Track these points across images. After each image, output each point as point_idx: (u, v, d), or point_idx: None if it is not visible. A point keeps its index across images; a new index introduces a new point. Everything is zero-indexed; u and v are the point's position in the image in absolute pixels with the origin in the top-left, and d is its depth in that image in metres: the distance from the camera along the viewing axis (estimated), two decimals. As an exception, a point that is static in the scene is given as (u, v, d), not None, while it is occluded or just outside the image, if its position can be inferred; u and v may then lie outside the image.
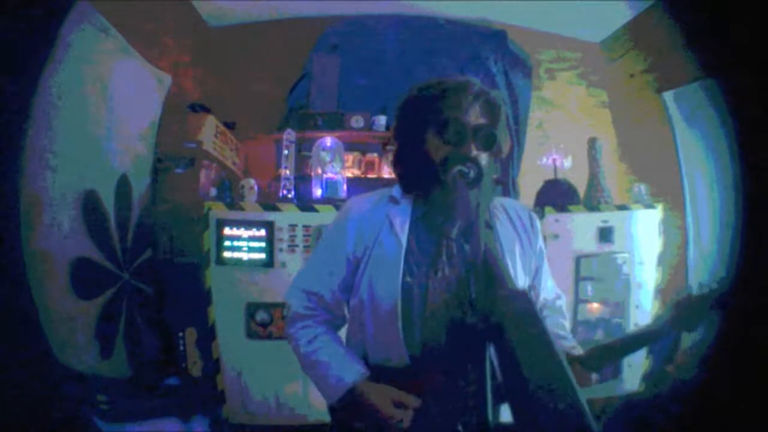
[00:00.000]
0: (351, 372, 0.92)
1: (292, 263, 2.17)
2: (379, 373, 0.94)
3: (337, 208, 2.21)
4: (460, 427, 0.87)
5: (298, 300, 1.01)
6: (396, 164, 1.04)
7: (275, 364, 2.11)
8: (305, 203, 2.31)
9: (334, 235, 1.02)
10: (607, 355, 0.99)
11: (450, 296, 0.91)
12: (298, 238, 2.19)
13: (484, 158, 0.93)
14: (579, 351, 0.98)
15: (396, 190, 1.03)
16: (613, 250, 2.35)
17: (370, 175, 2.88)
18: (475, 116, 0.93)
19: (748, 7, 1.31)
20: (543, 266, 1.08)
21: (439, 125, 0.92)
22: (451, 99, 0.92)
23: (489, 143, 0.93)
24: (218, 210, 2.19)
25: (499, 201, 1.06)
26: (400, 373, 0.91)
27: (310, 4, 2.97)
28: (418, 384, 0.90)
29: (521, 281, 1.01)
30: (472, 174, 0.87)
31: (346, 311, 1.05)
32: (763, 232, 1.39)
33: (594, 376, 0.94)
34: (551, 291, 1.10)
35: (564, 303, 1.12)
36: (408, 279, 0.92)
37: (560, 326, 1.07)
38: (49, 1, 1.57)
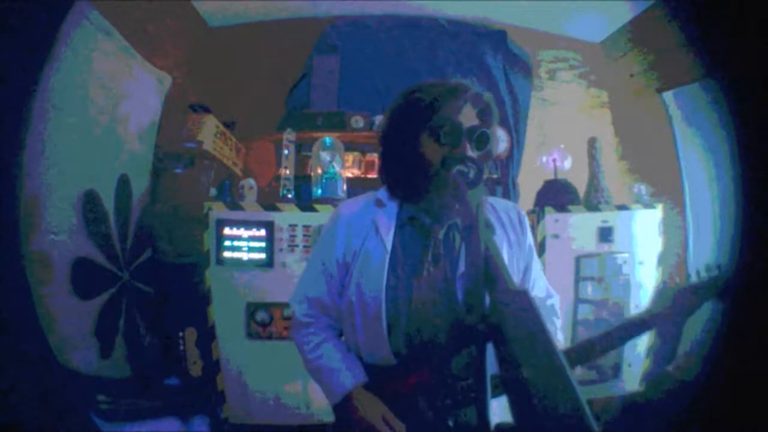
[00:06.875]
0: (348, 377, 0.96)
1: (292, 263, 2.18)
2: (369, 371, 0.98)
3: (337, 208, 2.22)
4: (450, 423, 0.90)
5: (300, 306, 1.05)
6: (385, 169, 1.04)
7: (275, 364, 2.11)
8: (305, 203, 2.31)
9: (325, 241, 1.05)
10: (594, 349, 0.98)
11: (435, 296, 0.94)
12: (298, 238, 2.19)
13: (479, 158, 0.95)
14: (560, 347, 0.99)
15: (382, 193, 1.04)
16: (613, 250, 2.35)
17: (370, 175, 2.88)
18: (469, 117, 0.95)
19: (749, 7, 1.31)
20: (533, 264, 1.07)
21: (434, 128, 0.93)
22: (444, 102, 0.94)
23: (483, 143, 0.94)
24: (218, 210, 2.19)
25: (487, 200, 1.06)
26: (388, 371, 0.95)
27: (310, 4, 2.97)
28: (405, 382, 0.93)
29: None
30: (471, 174, 0.88)
31: None
32: (764, 233, 1.39)
33: (576, 370, 0.94)
34: (543, 289, 1.10)
35: (556, 302, 1.11)
36: (392, 281, 0.95)
37: (551, 324, 1.07)
38: (49, 0, 1.57)
